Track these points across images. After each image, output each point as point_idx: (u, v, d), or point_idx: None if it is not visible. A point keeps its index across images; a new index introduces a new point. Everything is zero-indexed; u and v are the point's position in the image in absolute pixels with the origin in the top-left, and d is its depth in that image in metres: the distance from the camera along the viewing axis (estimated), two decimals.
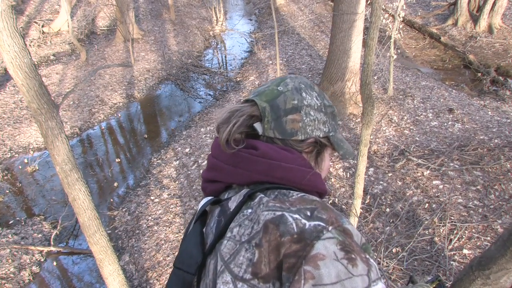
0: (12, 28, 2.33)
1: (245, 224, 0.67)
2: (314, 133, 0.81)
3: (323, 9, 12.39)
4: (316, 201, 0.66)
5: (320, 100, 0.84)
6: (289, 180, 0.74)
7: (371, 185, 4.84)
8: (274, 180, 0.73)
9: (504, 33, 9.61)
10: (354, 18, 5.87)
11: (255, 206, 0.68)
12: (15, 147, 6.78)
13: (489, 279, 1.74)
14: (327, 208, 0.65)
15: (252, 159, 0.74)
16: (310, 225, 0.61)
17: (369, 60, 2.49)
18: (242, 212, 0.70)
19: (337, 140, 0.85)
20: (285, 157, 0.75)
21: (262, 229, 0.62)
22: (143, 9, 13.12)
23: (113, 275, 3.31)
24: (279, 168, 0.73)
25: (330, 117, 0.85)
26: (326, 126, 0.83)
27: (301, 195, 0.69)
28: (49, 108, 2.62)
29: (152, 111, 8.41)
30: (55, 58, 10.06)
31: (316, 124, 0.81)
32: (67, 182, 2.86)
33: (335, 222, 0.62)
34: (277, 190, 0.71)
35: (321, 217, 0.62)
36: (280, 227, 0.61)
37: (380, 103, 6.70)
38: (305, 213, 0.63)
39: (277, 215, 0.63)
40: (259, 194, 0.70)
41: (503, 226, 4.09)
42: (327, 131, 0.84)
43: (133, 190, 5.77)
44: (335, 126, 0.87)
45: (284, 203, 0.65)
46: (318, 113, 0.82)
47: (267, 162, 0.73)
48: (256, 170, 0.74)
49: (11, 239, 4.86)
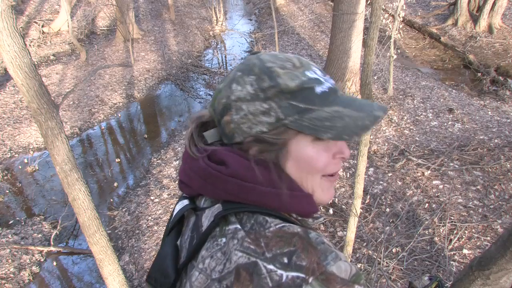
0: (12, 28, 2.33)
1: (217, 257, 0.59)
2: (254, 129, 0.66)
3: (323, 9, 12.39)
4: (297, 237, 0.58)
5: (256, 84, 0.66)
6: (264, 205, 0.64)
7: (371, 185, 4.84)
8: (247, 202, 0.64)
9: (504, 33, 9.62)
10: (354, 18, 5.87)
11: (229, 236, 0.60)
12: (15, 147, 6.78)
13: (489, 279, 1.74)
14: (308, 248, 0.56)
15: (222, 178, 0.65)
16: (287, 277, 0.54)
17: (369, 60, 2.49)
18: (215, 238, 0.62)
19: (310, 123, 0.64)
20: (264, 178, 0.64)
21: (234, 274, 0.56)
22: (143, 9, 13.13)
23: (113, 275, 3.31)
24: (253, 192, 0.64)
25: (278, 100, 0.65)
26: (271, 114, 0.65)
27: (279, 226, 0.60)
28: (49, 108, 2.62)
29: (152, 111, 8.41)
30: (55, 58, 10.06)
31: (252, 118, 0.65)
32: (67, 182, 2.86)
33: (317, 269, 0.54)
34: (254, 217, 0.62)
35: (300, 265, 0.54)
36: (253, 279, 0.54)
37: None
38: (282, 261, 0.55)
39: (250, 262, 0.56)
40: (234, 221, 0.62)
41: (503, 226, 4.09)
42: (279, 119, 0.65)
43: (133, 190, 5.77)
44: (294, 107, 0.65)
45: (259, 244, 0.57)
46: (251, 104, 0.65)
47: (238, 184, 0.64)
48: (226, 190, 0.65)
49: (11, 239, 4.86)
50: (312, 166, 0.67)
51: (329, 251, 0.57)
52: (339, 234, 4.25)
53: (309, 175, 0.67)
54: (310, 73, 0.67)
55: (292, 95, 0.65)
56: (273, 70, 0.66)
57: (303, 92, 0.65)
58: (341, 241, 4.09)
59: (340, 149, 0.69)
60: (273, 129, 0.65)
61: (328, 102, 0.66)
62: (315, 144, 0.66)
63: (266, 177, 0.65)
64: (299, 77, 0.66)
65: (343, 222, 4.36)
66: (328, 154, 0.67)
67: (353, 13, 5.83)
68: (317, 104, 0.65)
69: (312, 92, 0.65)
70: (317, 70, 0.69)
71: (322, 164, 0.67)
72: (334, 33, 6.25)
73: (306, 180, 0.67)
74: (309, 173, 0.67)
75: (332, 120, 0.64)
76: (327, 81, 0.68)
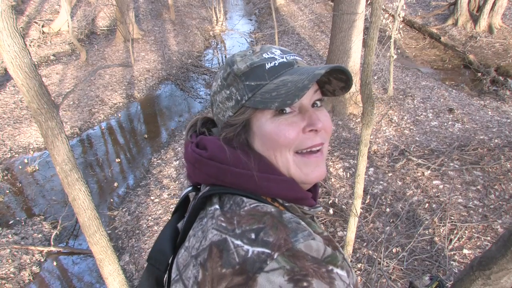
0: (12, 28, 2.33)
1: (198, 236, 0.61)
2: (225, 116, 0.71)
3: (323, 9, 12.39)
4: (268, 216, 0.58)
5: (222, 75, 0.71)
6: (240, 187, 0.65)
7: (371, 185, 4.84)
8: (226, 185, 0.66)
9: (504, 33, 9.62)
10: (354, 18, 5.87)
11: (209, 216, 0.62)
12: (15, 147, 6.78)
13: (490, 279, 1.74)
14: (278, 225, 0.56)
15: (203, 161, 0.68)
16: (253, 252, 0.53)
17: (369, 60, 2.49)
18: (201, 219, 0.65)
19: (261, 98, 0.65)
20: (235, 159, 0.66)
21: (208, 250, 0.57)
22: (143, 9, 13.13)
23: (113, 275, 3.30)
24: (228, 173, 0.66)
25: (236, 84, 0.68)
26: (232, 98, 0.69)
27: (253, 206, 0.61)
28: (49, 108, 2.62)
29: (152, 111, 8.41)
30: (55, 58, 10.06)
31: (222, 106, 0.71)
32: (67, 182, 2.86)
33: (283, 245, 0.53)
34: (233, 198, 0.64)
35: (267, 240, 0.54)
36: (222, 255, 0.55)
37: (380, 103, 6.70)
38: (249, 237, 0.55)
39: (221, 238, 0.57)
40: (215, 202, 0.65)
41: (503, 226, 4.09)
42: (238, 101, 0.68)
43: (133, 190, 5.77)
44: (248, 87, 0.67)
45: (231, 221, 0.59)
46: (220, 93, 0.71)
47: (216, 166, 0.67)
48: (208, 173, 0.68)
49: (11, 239, 4.86)
50: (275, 141, 0.66)
51: (301, 230, 0.56)
52: (339, 234, 4.25)
53: (277, 152, 0.67)
54: (266, 54, 0.69)
55: (246, 76, 0.67)
56: (234, 60, 0.70)
57: (254, 71, 0.67)
58: (341, 241, 4.09)
59: (310, 122, 0.67)
60: (236, 111, 0.68)
61: (278, 75, 0.67)
62: (274, 120, 0.66)
63: (235, 159, 0.66)
64: (252, 59, 0.68)
65: (343, 222, 4.36)
66: (293, 128, 0.66)
67: (353, 13, 5.83)
68: (267, 78, 0.66)
69: (263, 69, 0.67)
70: (277, 50, 0.71)
71: (284, 138, 0.65)
72: (334, 33, 6.26)
73: (276, 157, 0.67)
74: (276, 150, 0.67)
75: (277, 89, 0.64)
76: (283, 58, 0.69)
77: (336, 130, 6.18)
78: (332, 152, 5.57)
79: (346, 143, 5.80)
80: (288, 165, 0.68)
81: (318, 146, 0.69)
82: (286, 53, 0.71)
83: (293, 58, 0.70)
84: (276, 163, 0.68)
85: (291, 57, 0.70)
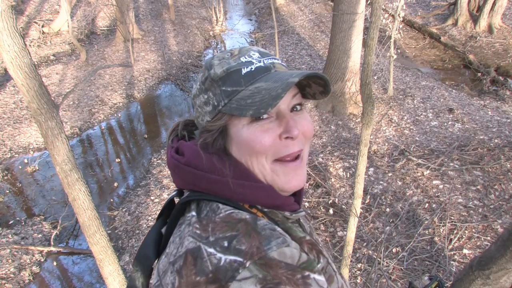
0: (12, 28, 2.33)
1: (176, 242, 0.61)
2: (204, 120, 0.70)
3: (323, 9, 12.39)
4: (242, 223, 0.58)
5: (200, 79, 0.71)
6: (216, 193, 0.65)
7: (371, 185, 4.84)
8: (203, 191, 0.66)
9: (504, 33, 9.62)
10: (354, 18, 5.87)
11: (186, 223, 0.63)
12: (15, 147, 6.78)
13: (489, 279, 1.74)
14: (251, 233, 0.56)
15: (180, 167, 0.68)
16: (225, 260, 0.53)
17: (369, 60, 2.49)
18: (180, 225, 0.65)
19: (237, 104, 0.64)
20: (211, 165, 0.66)
21: (183, 257, 0.57)
22: (143, 9, 13.13)
23: (113, 275, 3.31)
24: (203, 179, 0.65)
25: (213, 89, 0.67)
26: (210, 103, 0.68)
27: (228, 212, 0.61)
28: (49, 108, 2.62)
29: (152, 111, 8.41)
30: (55, 58, 10.06)
31: (201, 110, 0.70)
32: (67, 182, 2.86)
33: (256, 253, 0.53)
34: (209, 204, 0.64)
35: (239, 248, 0.54)
36: (196, 262, 0.55)
37: (380, 103, 6.70)
38: (222, 244, 0.55)
39: (196, 246, 0.57)
40: (193, 209, 0.65)
41: (503, 226, 4.09)
42: (215, 106, 0.67)
43: (133, 190, 5.77)
44: (224, 92, 0.66)
45: (206, 229, 0.59)
46: (198, 98, 0.71)
47: (192, 172, 0.66)
48: (185, 179, 0.68)
49: (11, 239, 4.86)
50: (251, 148, 0.65)
51: (274, 237, 0.56)
52: (339, 234, 4.25)
53: (253, 158, 0.66)
54: (243, 58, 0.67)
55: (223, 81, 0.66)
56: (211, 63, 0.69)
57: (230, 76, 0.66)
58: (341, 241, 4.09)
59: (286, 129, 0.66)
60: (213, 117, 0.67)
61: (254, 81, 0.65)
62: (251, 126, 0.65)
63: (211, 165, 0.66)
64: (229, 63, 0.67)
65: (343, 222, 4.36)
66: (269, 135, 0.65)
67: (353, 13, 5.83)
68: (243, 84, 0.65)
69: (239, 74, 0.66)
70: (255, 53, 0.69)
71: (260, 145, 0.64)
72: (334, 33, 6.26)
73: (252, 164, 0.67)
74: (252, 156, 0.66)
75: (252, 96, 0.63)
76: (260, 62, 0.67)
77: (336, 130, 6.18)
78: (332, 152, 5.57)
79: (346, 143, 5.80)
80: (265, 172, 0.67)
81: (296, 153, 0.68)
82: (264, 56, 0.69)
83: (270, 62, 0.68)
84: (253, 169, 0.67)
85: (269, 60, 0.69)
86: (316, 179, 4.99)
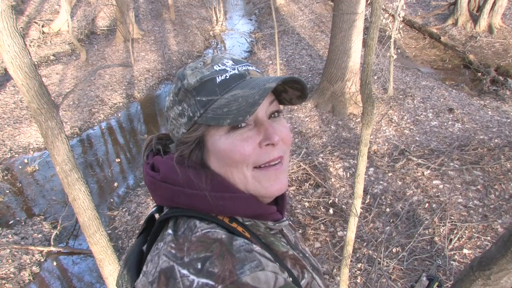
0: (12, 28, 2.33)
1: (154, 261, 0.60)
2: (179, 133, 0.68)
3: (323, 9, 12.39)
4: (217, 243, 0.56)
5: (173, 90, 0.69)
6: (195, 208, 0.63)
7: (371, 185, 4.84)
8: (182, 207, 0.64)
9: (504, 33, 9.62)
10: (354, 18, 5.87)
11: (164, 241, 0.61)
12: (15, 147, 6.78)
13: (490, 279, 1.74)
14: (225, 255, 0.54)
15: (157, 184, 0.66)
16: (197, 283, 0.52)
17: (369, 60, 2.49)
18: (157, 242, 0.63)
19: (213, 114, 0.62)
20: (187, 180, 0.64)
21: (157, 277, 0.56)
22: (143, 9, 13.12)
23: (113, 275, 3.31)
24: (181, 195, 0.64)
25: (188, 100, 0.66)
26: (185, 114, 0.66)
27: (204, 231, 0.59)
28: (49, 108, 2.62)
29: (152, 111, 8.41)
30: (55, 58, 10.06)
31: (176, 122, 0.68)
32: (67, 182, 2.86)
33: (228, 278, 0.52)
34: (187, 221, 0.62)
35: (212, 271, 0.52)
36: (169, 283, 0.54)
37: (380, 103, 6.70)
38: (196, 266, 0.54)
39: (169, 266, 0.56)
40: (171, 226, 0.63)
41: (503, 226, 4.09)
42: (190, 117, 0.65)
43: (133, 190, 5.77)
44: (199, 102, 0.64)
45: (182, 248, 0.57)
46: (172, 110, 0.69)
47: (169, 188, 0.65)
48: (162, 196, 0.66)
49: (11, 239, 4.86)
50: (230, 158, 0.63)
51: (249, 260, 0.54)
52: (339, 234, 4.25)
53: (233, 168, 0.65)
54: (217, 66, 0.66)
55: (197, 91, 0.64)
56: (184, 73, 0.67)
57: (204, 85, 0.64)
58: (341, 241, 4.09)
59: (266, 136, 0.65)
60: (189, 128, 0.66)
61: (229, 89, 0.64)
62: (229, 136, 0.64)
63: (187, 179, 0.64)
64: (202, 73, 0.65)
65: (343, 222, 4.36)
66: (249, 143, 0.64)
67: (353, 13, 5.83)
68: (218, 93, 0.64)
69: (214, 83, 0.64)
70: (228, 61, 0.68)
71: (240, 155, 0.63)
72: (334, 33, 6.25)
73: (232, 174, 0.65)
74: (232, 166, 0.64)
75: (229, 105, 0.61)
76: (235, 69, 0.66)
77: (336, 130, 6.18)
78: (332, 152, 5.57)
79: (346, 143, 5.80)
80: (245, 181, 0.66)
81: (277, 160, 0.67)
82: (238, 64, 0.68)
83: (245, 69, 0.67)
84: (232, 180, 0.66)
85: (243, 67, 0.68)
86: (316, 179, 4.99)
